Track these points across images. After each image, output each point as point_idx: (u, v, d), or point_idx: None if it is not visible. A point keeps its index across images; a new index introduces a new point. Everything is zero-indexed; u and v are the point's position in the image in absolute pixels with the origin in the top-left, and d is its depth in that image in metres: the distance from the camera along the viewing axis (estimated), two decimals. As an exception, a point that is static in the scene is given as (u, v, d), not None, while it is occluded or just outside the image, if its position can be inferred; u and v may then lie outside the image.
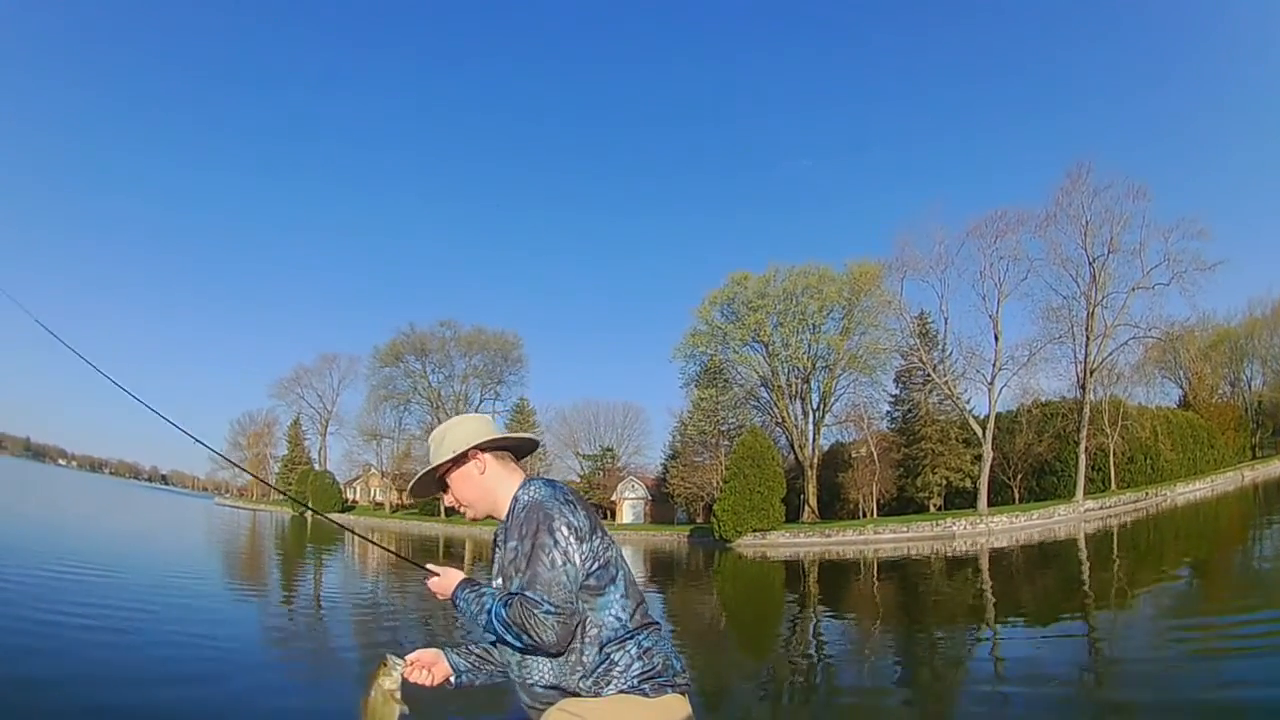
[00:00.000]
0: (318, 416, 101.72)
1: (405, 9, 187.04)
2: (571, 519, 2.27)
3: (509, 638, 2.22)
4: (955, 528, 44.19)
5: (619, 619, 2.28)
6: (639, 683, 2.22)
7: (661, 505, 73.92)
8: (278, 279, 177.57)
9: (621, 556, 2.40)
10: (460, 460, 2.54)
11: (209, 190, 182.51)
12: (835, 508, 60.51)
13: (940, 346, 55.31)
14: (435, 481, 2.62)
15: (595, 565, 2.29)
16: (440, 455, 2.54)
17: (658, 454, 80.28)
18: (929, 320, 56.16)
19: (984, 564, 27.64)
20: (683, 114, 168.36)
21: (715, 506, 52.62)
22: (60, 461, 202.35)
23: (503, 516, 2.45)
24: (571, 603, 2.18)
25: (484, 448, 2.55)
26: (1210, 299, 71.97)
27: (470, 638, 2.68)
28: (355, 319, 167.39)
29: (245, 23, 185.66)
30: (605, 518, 77.22)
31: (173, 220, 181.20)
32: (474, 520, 2.70)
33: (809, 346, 63.35)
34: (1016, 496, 53.25)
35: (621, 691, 2.21)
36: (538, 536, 2.22)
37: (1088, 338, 47.57)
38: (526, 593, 2.17)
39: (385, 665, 2.33)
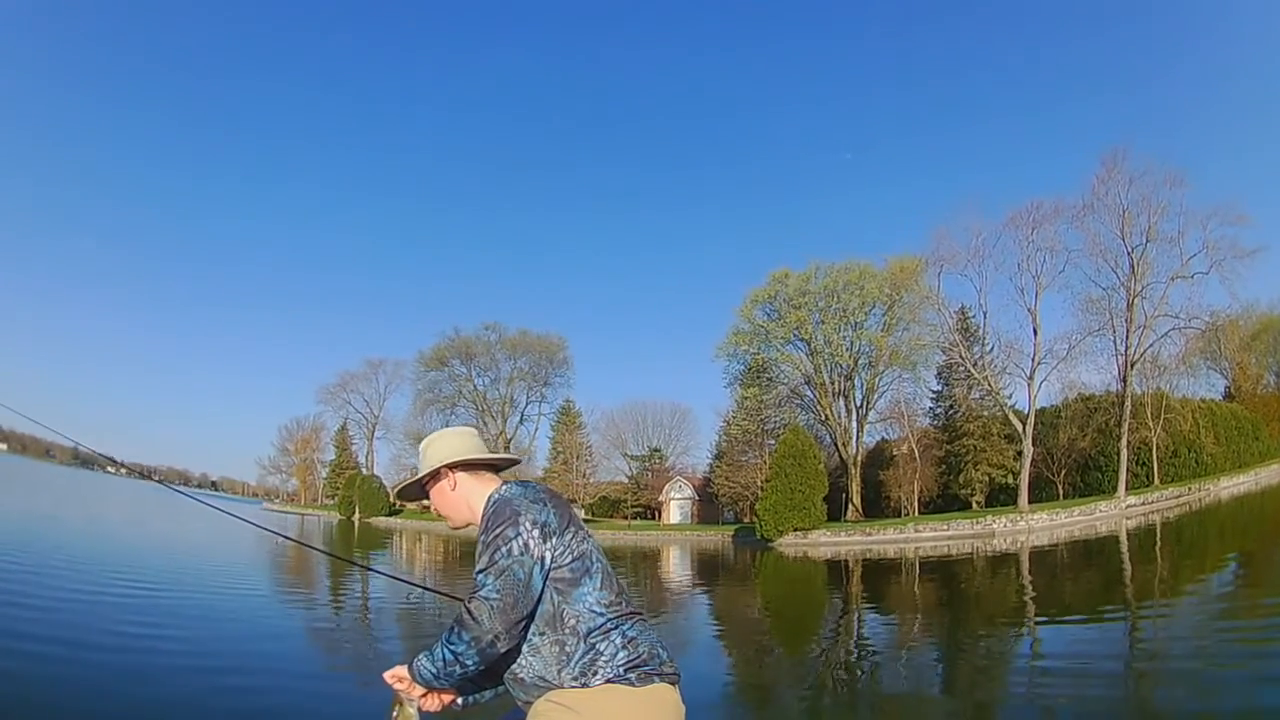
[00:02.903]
0: (364, 421, 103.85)
1: (438, 9, 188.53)
2: (538, 515, 2.32)
3: (461, 647, 2.21)
4: (995, 525, 44.04)
5: (595, 609, 2.30)
6: (625, 672, 2.24)
7: (708, 505, 74.22)
8: (321, 285, 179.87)
9: (599, 551, 2.44)
10: (435, 475, 2.66)
11: (244, 198, 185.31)
12: (880, 506, 60.31)
13: (980, 341, 55.00)
14: (418, 488, 2.73)
15: (569, 558, 2.32)
16: (421, 469, 2.69)
17: (705, 454, 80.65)
18: (969, 315, 55.88)
19: (1023, 562, 27.65)
20: (724, 110, 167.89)
21: (757, 506, 52.83)
22: (109, 469, 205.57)
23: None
24: (518, 591, 2.21)
25: (455, 466, 2.65)
26: (1253, 287, 70.90)
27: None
28: (400, 324, 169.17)
29: (290, 27, 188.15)
30: (653, 518, 77.72)
31: (208, 229, 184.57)
32: (455, 529, 2.77)
33: (851, 343, 63.41)
34: (1060, 492, 52.59)
35: (609, 681, 2.23)
36: (501, 529, 2.27)
37: (1128, 329, 46.88)
38: (476, 581, 2.24)
39: (399, 701, 2.41)
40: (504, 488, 2.45)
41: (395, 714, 2.40)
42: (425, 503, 2.78)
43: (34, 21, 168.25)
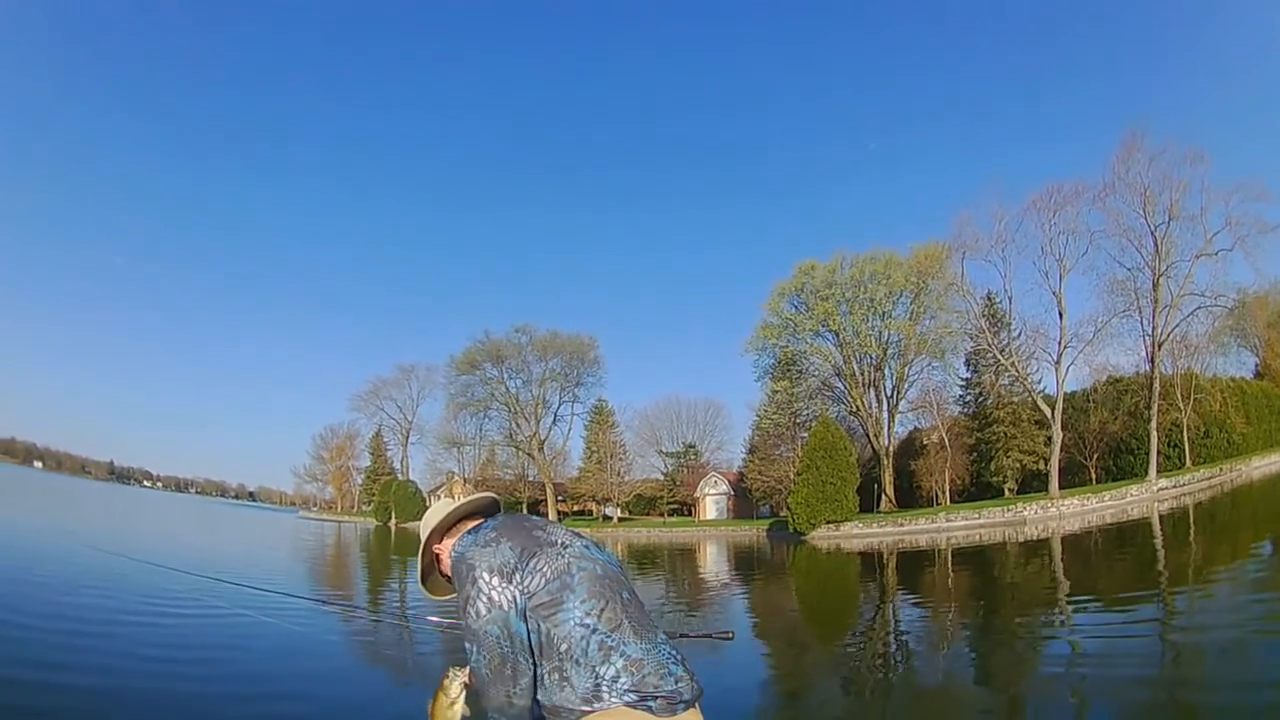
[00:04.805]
0: (398, 427, 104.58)
1: (457, 11, 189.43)
2: (492, 560, 2.29)
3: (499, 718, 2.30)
4: (1026, 512, 43.79)
5: (585, 622, 2.19)
6: (629, 696, 2.11)
7: (743, 500, 74.39)
8: (348, 291, 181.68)
9: (583, 558, 2.37)
10: (438, 559, 2.71)
11: (267, 207, 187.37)
12: (913, 495, 60.30)
13: (1007, 327, 54.48)
14: (436, 572, 2.76)
15: (543, 582, 2.25)
16: (423, 567, 2.75)
17: (739, 449, 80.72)
18: (996, 300, 55.46)
19: (1055, 549, 27.73)
20: (750, 104, 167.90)
21: (789, 499, 52.83)
22: (145, 483, 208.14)
23: None
24: (502, 651, 2.21)
25: (439, 539, 2.69)
26: (1279, 263, 69.73)
27: None
28: (431, 329, 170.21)
29: (320, 38, 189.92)
30: (688, 514, 78.40)
31: (235, 240, 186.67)
32: None
33: (879, 333, 63.34)
34: (1093, 477, 52.15)
35: (618, 706, 2.10)
36: (465, 588, 2.28)
37: (1154, 310, 46.16)
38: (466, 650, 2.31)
39: (448, 676, 2.48)
40: (458, 543, 2.47)
41: (443, 684, 2.49)
42: None
43: (59, 29, 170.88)
